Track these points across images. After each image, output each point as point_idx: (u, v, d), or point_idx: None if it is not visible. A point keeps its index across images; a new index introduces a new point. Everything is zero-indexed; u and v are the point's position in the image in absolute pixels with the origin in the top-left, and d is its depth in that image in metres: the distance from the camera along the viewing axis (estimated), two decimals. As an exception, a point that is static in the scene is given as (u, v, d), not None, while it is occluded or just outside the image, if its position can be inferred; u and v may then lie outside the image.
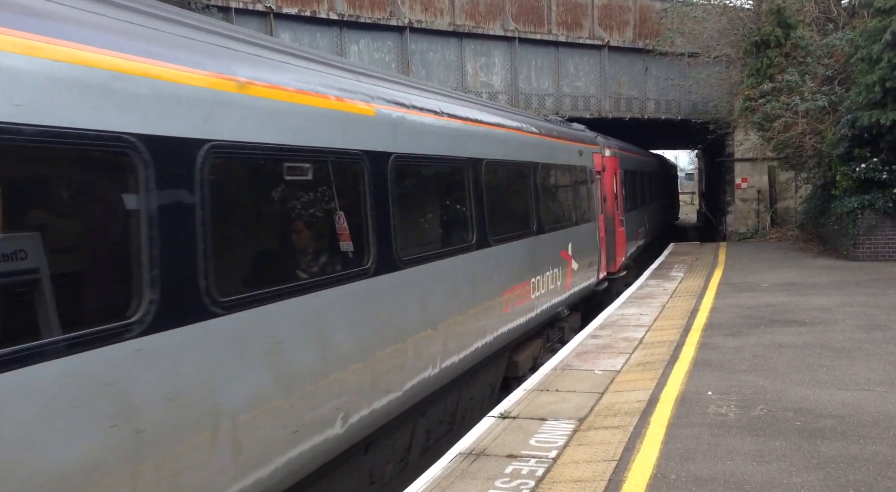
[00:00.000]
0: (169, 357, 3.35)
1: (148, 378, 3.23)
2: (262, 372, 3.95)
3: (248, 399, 3.82)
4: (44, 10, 3.03)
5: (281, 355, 4.11)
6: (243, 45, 4.36)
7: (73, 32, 3.06)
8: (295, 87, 4.51)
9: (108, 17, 3.37)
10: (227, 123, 3.83)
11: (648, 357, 8.74)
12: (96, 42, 3.16)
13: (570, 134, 12.79)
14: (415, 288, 5.79)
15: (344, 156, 4.98)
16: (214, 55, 3.95)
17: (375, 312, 5.19)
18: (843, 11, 22.41)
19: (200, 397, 3.51)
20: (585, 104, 25.34)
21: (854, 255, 16.78)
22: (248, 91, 4.03)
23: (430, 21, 21.67)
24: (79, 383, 2.91)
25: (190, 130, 3.58)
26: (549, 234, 9.92)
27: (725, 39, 24.19)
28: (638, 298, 13.63)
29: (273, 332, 4.06)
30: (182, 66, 3.60)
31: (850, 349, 8.43)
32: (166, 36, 3.69)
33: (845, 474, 4.94)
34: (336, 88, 5.03)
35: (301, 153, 4.49)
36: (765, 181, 25.22)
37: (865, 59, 16.54)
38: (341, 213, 4.89)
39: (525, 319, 8.69)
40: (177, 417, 3.35)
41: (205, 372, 3.56)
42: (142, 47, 3.43)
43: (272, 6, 18.46)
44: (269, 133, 4.16)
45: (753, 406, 6.50)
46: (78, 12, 3.19)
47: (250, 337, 3.89)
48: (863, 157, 16.70)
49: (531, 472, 5.37)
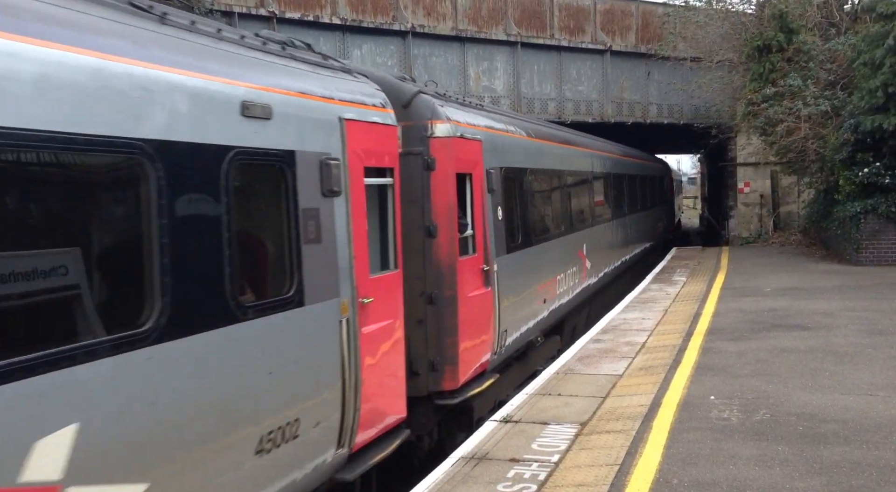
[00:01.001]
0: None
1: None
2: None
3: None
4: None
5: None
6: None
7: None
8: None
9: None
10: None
11: (651, 361, 8.73)
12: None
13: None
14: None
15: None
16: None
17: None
18: (845, 16, 22.42)
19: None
20: (588, 109, 25.36)
21: (857, 259, 16.76)
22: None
23: (432, 26, 21.71)
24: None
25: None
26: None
27: (728, 44, 24.19)
28: (640, 302, 13.62)
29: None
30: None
31: (852, 354, 8.42)
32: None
33: (848, 480, 4.94)
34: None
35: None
36: (767, 186, 25.21)
37: (868, 63, 16.54)
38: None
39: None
40: None
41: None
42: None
43: (275, 11, 18.52)
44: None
45: (756, 411, 6.49)
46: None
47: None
48: (865, 161, 16.70)
49: (533, 476, 5.37)
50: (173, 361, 3.59)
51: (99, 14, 3.55)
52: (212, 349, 3.86)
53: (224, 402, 3.93)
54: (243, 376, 4.10)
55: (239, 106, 4.19)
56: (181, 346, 3.63)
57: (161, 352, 3.49)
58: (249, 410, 4.13)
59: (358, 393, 5.18)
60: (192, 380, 3.71)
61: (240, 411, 4.05)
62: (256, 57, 4.69)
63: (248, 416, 4.12)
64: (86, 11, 3.48)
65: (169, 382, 3.55)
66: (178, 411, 3.59)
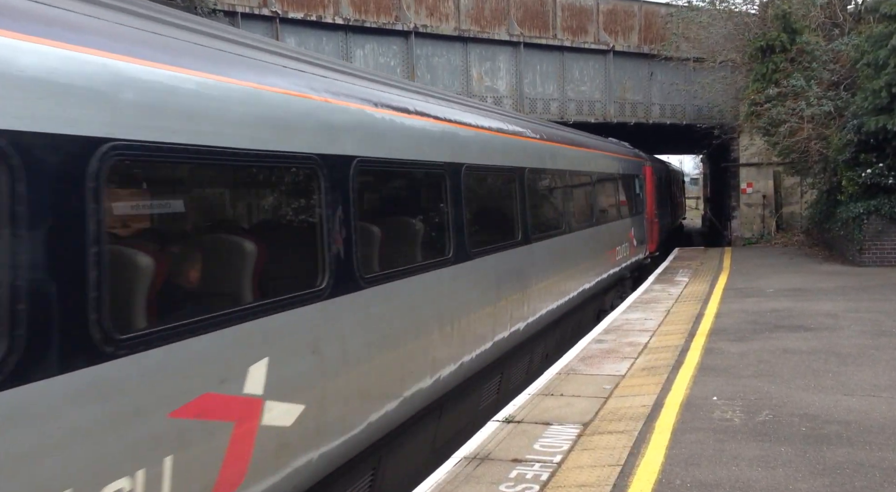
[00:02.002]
0: None
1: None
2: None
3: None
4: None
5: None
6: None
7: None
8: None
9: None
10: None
11: (653, 362, 8.72)
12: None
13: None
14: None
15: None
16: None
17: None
18: (848, 17, 22.38)
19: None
20: (590, 109, 25.35)
21: (860, 260, 16.73)
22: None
23: (435, 26, 21.72)
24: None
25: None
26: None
27: (731, 44, 24.16)
28: (643, 302, 13.61)
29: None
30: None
31: (856, 355, 8.41)
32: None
33: (851, 481, 4.92)
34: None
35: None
36: (770, 186, 25.18)
37: (871, 64, 16.51)
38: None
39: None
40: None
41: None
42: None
43: (278, 11, 18.53)
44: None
45: (759, 412, 6.47)
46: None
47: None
48: (868, 162, 16.67)
49: (536, 476, 5.36)
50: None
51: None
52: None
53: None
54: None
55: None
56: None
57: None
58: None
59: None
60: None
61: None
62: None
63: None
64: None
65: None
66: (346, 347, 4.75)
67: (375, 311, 5.09)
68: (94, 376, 2.88)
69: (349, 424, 4.75)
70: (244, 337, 3.77)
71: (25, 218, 2.66)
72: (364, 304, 4.92)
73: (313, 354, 4.36)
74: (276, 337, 4.02)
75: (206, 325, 3.51)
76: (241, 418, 3.70)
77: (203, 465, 3.45)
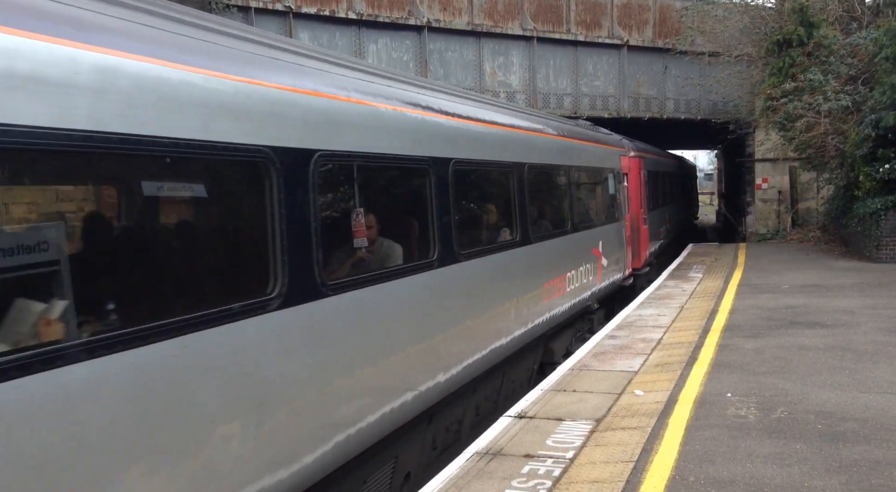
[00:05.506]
0: None
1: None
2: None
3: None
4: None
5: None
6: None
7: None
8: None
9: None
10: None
11: (667, 358, 8.67)
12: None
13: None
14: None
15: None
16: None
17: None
18: (867, 10, 22.10)
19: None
20: (604, 104, 25.22)
21: (877, 256, 16.55)
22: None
23: (448, 20, 21.66)
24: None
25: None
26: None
27: (747, 38, 23.94)
28: (656, 298, 13.54)
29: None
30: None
31: (872, 352, 8.32)
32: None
33: (868, 478, 4.87)
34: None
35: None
36: (786, 182, 24.94)
37: (890, 58, 16.31)
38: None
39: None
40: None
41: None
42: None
43: (291, 6, 18.54)
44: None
45: (774, 408, 6.42)
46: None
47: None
48: (886, 157, 16.48)
49: (548, 472, 5.34)
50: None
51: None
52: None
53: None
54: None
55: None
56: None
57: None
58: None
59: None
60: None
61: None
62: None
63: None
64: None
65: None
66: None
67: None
68: (314, 305, 4.36)
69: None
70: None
71: (283, 206, 4.13)
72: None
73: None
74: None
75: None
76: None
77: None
